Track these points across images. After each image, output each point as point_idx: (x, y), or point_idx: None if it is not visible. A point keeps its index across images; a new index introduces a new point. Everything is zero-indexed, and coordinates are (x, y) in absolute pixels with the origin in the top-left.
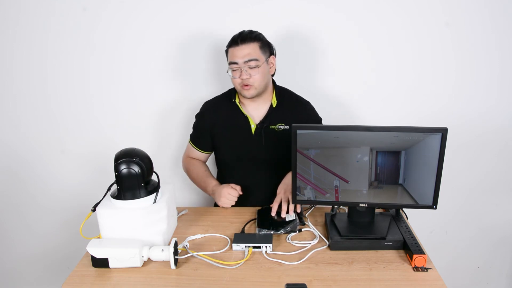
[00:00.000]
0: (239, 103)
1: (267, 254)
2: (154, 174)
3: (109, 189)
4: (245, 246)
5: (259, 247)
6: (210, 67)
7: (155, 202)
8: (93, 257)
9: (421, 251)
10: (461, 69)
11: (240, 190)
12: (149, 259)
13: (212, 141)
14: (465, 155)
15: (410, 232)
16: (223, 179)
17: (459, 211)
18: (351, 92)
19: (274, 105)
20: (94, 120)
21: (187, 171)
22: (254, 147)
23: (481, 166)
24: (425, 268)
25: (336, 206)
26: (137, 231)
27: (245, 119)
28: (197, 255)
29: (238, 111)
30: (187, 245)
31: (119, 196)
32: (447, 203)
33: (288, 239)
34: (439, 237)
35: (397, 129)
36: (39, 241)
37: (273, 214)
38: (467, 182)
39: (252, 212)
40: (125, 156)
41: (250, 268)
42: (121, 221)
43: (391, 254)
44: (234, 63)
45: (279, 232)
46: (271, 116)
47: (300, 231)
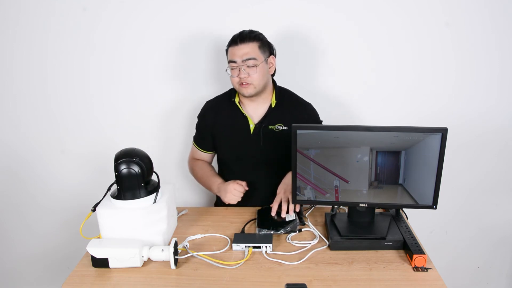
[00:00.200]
0: (238, 102)
1: (267, 254)
2: (154, 174)
3: (109, 189)
4: (245, 246)
5: (259, 247)
6: (210, 67)
7: (155, 202)
8: (93, 257)
9: (421, 251)
10: (461, 69)
11: (246, 185)
12: (149, 259)
13: (213, 141)
14: (465, 155)
15: (410, 232)
16: (223, 178)
17: (459, 211)
18: (351, 92)
19: (273, 105)
20: (94, 120)
21: (192, 172)
22: (252, 147)
23: (481, 166)
24: (425, 268)
25: (336, 206)
26: (137, 231)
27: (244, 118)
28: (197, 255)
29: (237, 110)
30: (187, 245)
31: (119, 196)
32: (447, 203)
33: (288, 239)
34: (439, 237)
35: (397, 129)
36: (39, 241)
37: (273, 214)
38: (467, 182)
39: (252, 212)
40: (125, 156)
41: (250, 268)
42: (121, 221)
43: (391, 254)
44: (232, 62)
45: (279, 232)
46: (270, 116)
47: (300, 231)
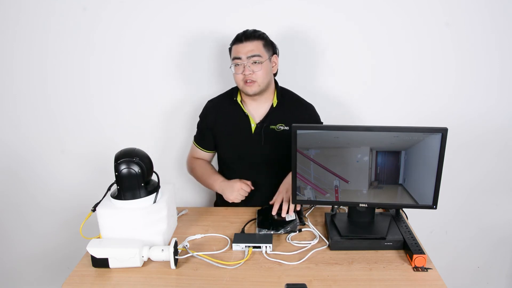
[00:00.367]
0: (240, 101)
1: (267, 254)
2: (154, 174)
3: (109, 189)
4: (245, 246)
5: (259, 247)
6: (210, 67)
7: (155, 202)
8: (93, 257)
9: (421, 251)
10: (461, 69)
11: (251, 185)
12: (149, 259)
13: (214, 140)
14: (465, 155)
15: (410, 232)
16: (224, 177)
17: (459, 211)
18: (351, 92)
19: (274, 105)
20: (94, 120)
21: (191, 170)
22: (253, 147)
23: (481, 166)
24: (425, 268)
25: (336, 206)
26: (137, 231)
27: (246, 118)
28: (197, 255)
29: (239, 109)
30: (187, 245)
31: (119, 196)
32: (447, 203)
33: (288, 239)
34: (439, 237)
35: (397, 129)
36: (39, 241)
37: (274, 213)
38: (467, 182)
39: (252, 212)
40: (125, 156)
41: (250, 268)
42: (121, 221)
43: (391, 254)
44: (237, 58)
45: (279, 232)
46: (271, 116)
47: (300, 231)
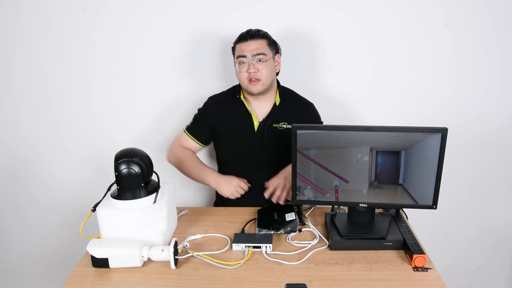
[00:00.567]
0: (243, 99)
1: (267, 254)
2: (154, 174)
3: (109, 189)
4: (245, 246)
5: (259, 247)
6: (210, 67)
7: (155, 202)
8: (93, 257)
9: (421, 251)
10: (461, 69)
11: (247, 183)
12: (149, 259)
13: (212, 136)
14: (465, 155)
15: (410, 232)
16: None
17: (459, 211)
18: (351, 92)
19: (277, 104)
20: (94, 120)
21: (179, 160)
22: (256, 145)
23: (481, 166)
24: (425, 268)
25: (336, 206)
26: (137, 231)
27: (248, 116)
28: (197, 255)
29: (242, 107)
30: (187, 245)
31: (119, 196)
32: (447, 203)
33: (288, 239)
34: (439, 237)
35: (397, 129)
36: (39, 241)
37: (267, 196)
38: (467, 182)
39: (252, 212)
40: (125, 156)
41: (250, 268)
42: (121, 221)
43: (391, 254)
44: (242, 56)
45: (279, 232)
46: (274, 114)
47: (300, 231)
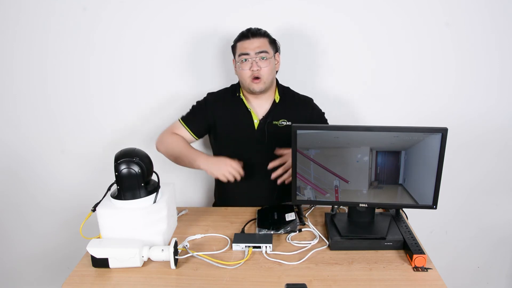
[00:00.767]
0: (243, 97)
1: (267, 254)
2: (154, 174)
3: (109, 189)
4: (245, 246)
5: (259, 247)
6: (211, 67)
7: (155, 202)
8: (93, 257)
9: (421, 251)
10: (461, 69)
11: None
12: (149, 259)
13: (209, 133)
14: (465, 155)
15: (410, 232)
16: None
17: (459, 211)
18: (351, 92)
19: (277, 101)
20: (94, 120)
21: (167, 145)
22: (256, 143)
23: (481, 166)
24: (425, 268)
25: (336, 206)
26: (137, 231)
27: (248, 114)
28: (197, 255)
29: (242, 105)
30: (187, 245)
31: (119, 196)
32: (447, 203)
33: (288, 239)
34: (439, 237)
35: (397, 129)
36: (39, 241)
37: (270, 166)
38: (467, 182)
39: (252, 212)
40: (125, 156)
41: (250, 268)
42: (121, 221)
43: (391, 254)
44: (245, 54)
45: (279, 232)
46: (274, 112)
47: (300, 231)
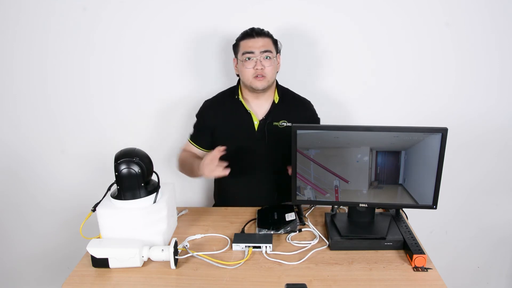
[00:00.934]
0: (242, 99)
1: (267, 254)
2: (154, 174)
3: (109, 189)
4: (245, 246)
5: (259, 247)
6: (211, 67)
7: (155, 202)
8: (93, 257)
9: (421, 251)
10: (461, 69)
11: (221, 151)
12: (149, 259)
13: (212, 139)
14: (465, 155)
15: (410, 232)
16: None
17: (459, 211)
18: (351, 92)
19: (276, 102)
20: (94, 120)
21: (181, 165)
22: (257, 144)
23: (481, 166)
24: (425, 268)
25: (336, 206)
26: (137, 231)
27: (248, 115)
28: (197, 255)
29: (241, 107)
30: (187, 245)
31: (119, 196)
32: (447, 203)
33: (288, 239)
34: (439, 237)
35: (397, 129)
36: (39, 241)
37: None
38: (467, 182)
39: (252, 212)
40: (125, 156)
41: (250, 268)
42: (121, 221)
43: (391, 254)
44: (249, 53)
45: (279, 232)
46: (274, 112)
47: (300, 231)
